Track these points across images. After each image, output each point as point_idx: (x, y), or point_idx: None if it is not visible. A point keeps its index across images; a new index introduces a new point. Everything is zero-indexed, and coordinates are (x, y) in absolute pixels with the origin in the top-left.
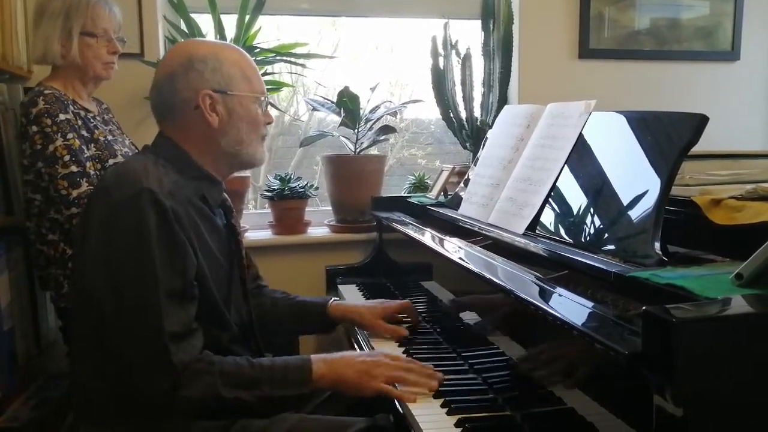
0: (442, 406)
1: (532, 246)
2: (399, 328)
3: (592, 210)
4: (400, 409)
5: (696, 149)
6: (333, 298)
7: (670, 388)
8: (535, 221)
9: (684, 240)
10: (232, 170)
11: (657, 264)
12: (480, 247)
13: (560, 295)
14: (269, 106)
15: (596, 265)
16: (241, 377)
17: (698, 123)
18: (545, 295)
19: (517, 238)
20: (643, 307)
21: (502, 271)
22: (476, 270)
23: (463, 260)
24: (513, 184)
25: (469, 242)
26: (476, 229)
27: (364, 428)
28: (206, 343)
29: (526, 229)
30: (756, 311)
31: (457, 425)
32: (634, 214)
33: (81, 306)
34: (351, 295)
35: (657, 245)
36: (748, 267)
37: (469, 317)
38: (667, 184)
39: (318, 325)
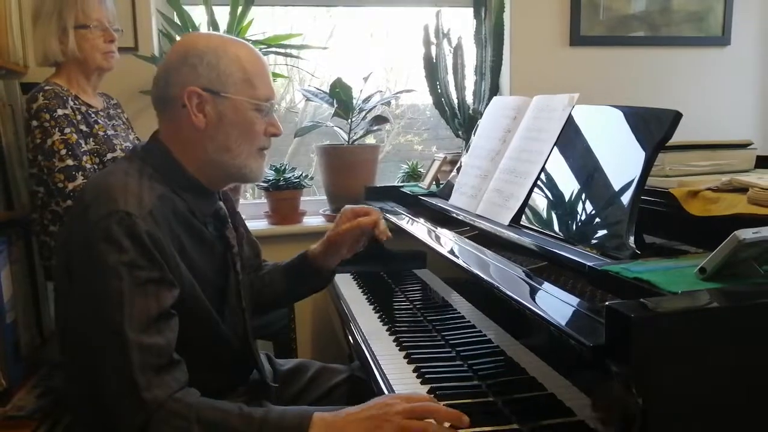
0: (428, 393)
1: (516, 238)
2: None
3: (572, 203)
4: None
5: (679, 139)
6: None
7: (630, 379)
8: (521, 213)
9: (663, 231)
10: (224, 180)
11: (630, 257)
12: (468, 238)
13: (540, 288)
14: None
15: (574, 257)
16: (223, 428)
17: (672, 119)
18: (525, 288)
19: (502, 230)
20: (606, 303)
21: (486, 264)
22: (463, 264)
23: (451, 253)
24: (500, 175)
25: (457, 233)
26: (465, 219)
27: (345, 378)
28: (205, 362)
29: (512, 221)
30: (713, 306)
31: None
32: (610, 208)
33: (63, 328)
34: (345, 284)
35: (631, 239)
36: (711, 261)
37: (461, 306)
38: (641, 179)
39: (309, 277)
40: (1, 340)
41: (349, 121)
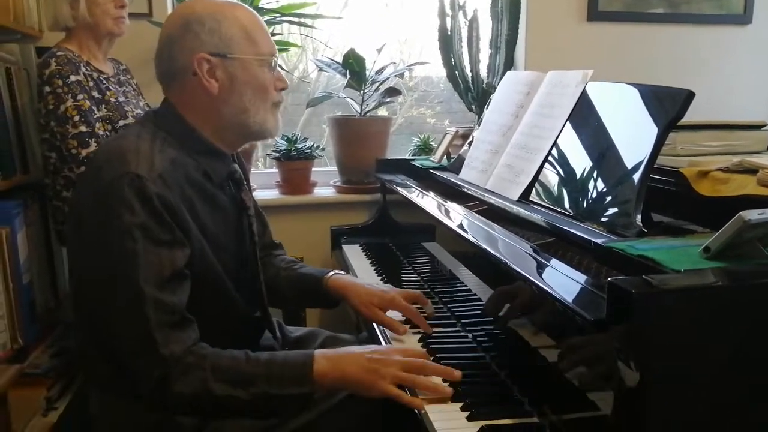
0: None
1: (525, 214)
2: (395, 323)
3: (581, 180)
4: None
5: (697, 119)
6: (334, 272)
7: (629, 354)
8: (530, 188)
9: (672, 210)
10: (242, 141)
11: (636, 235)
12: (477, 212)
13: (546, 263)
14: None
15: (581, 234)
16: (235, 372)
17: (685, 98)
18: (532, 264)
19: (511, 205)
20: (609, 279)
21: (494, 239)
22: (471, 238)
23: (460, 227)
24: (511, 150)
25: (466, 207)
26: (474, 194)
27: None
28: (215, 325)
29: (521, 196)
30: (715, 284)
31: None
32: (619, 185)
33: (78, 287)
34: (354, 255)
35: (639, 217)
36: (715, 241)
37: (468, 280)
38: (651, 157)
39: (317, 299)
40: (18, 300)
41: (362, 92)
